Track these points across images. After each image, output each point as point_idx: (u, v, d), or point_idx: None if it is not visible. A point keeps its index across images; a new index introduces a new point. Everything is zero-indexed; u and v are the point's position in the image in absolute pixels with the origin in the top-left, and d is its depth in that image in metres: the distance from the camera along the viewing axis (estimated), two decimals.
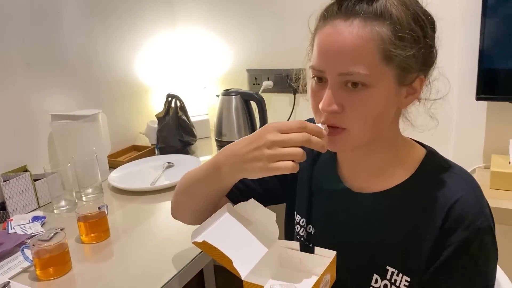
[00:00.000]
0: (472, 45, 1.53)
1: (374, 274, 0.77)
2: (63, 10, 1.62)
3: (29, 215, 1.33)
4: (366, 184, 0.80)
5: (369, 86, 0.67)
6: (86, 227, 1.18)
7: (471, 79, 1.55)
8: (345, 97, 0.69)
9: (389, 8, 0.67)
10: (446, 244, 0.70)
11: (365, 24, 0.66)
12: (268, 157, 0.69)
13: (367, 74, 0.66)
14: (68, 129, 1.52)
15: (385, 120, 0.73)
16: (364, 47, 0.66)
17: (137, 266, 1.09)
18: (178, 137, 1.81)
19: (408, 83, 0.72)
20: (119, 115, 1.89)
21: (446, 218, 0.70)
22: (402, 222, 0.75)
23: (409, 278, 0.74)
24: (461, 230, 0.69)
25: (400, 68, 0.69)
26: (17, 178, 1.36)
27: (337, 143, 0.73)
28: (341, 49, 0.67)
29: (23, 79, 1.49)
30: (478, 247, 0.70)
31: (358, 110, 0.69)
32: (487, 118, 1.63)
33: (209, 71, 2.18)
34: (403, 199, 0.76)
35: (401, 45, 0.67)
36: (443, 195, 0.72)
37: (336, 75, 0.68)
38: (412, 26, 0.68)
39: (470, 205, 0.71)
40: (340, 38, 0.67)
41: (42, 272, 1.03)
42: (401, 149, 0.79)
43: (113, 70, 1.87)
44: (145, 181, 1.53)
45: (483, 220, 0.70)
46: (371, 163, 0.79)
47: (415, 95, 0.74)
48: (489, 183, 1.50)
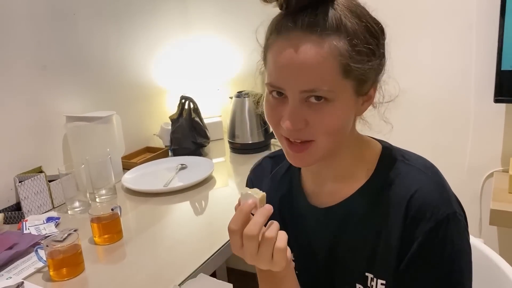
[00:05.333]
0: (490, 46, 1.50)
1: (357, 284, 0.76)
2: (78, 12, 1.64)
3: (43, 216, 1.34)
4: (332, 193, 0.79)
5: (330, 100, 0.66)
6: (99, 228, 1.19)
7: (489, 81, 1.52)
8: (308, 113, 0.67)
9: (343, 21, 0.65)
10: (411, 239, 0.69)
11: (322, 40, 0.64)
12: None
13: (330, 90, 0.65)
14: (83, 131, 1.53)
15: (346, 129, 0.72)
16: (323, 63, 0.64)
17: (150, 268, 1.09)
18: (191, 139, 1.81)
19: (364, 93, 0.71)
20: (133, 116, 1.90)
21: (407, 213, 0.70)
22: (369, 225, 0.74)
23: (384, 281, 0.73)
24: (423, 222, 0.68)
25: (358, 80, 0.67)
26: (32, 179, 1.37)
27: (304, 158, 0.71)
28: (302, 67, 0.64)
29: (38, 81, 1.51)
30: (443, 238, 0.68)
31: (322, 123, 0.67)
32: (505, 121, 1.60)
33: (223, 73, 2.18)
34: (367, 202, 0.75)
35: (359, 59, 0.65)
36: (401, 190, 0.71)
37: (297, 93, 0.66)
38: (367, 38, 0.67)
39: (428, 196, 0.69)
40: (300, 55, 0.64)
41: (56, 273, 1.04)
42: (359, 150, 0.78)
43: (127, 72, 1.88)
44: (158, 183, 1.53)
45: (445, 208, 0.69)
46: (333, 170, 0.78)
47: (370, 101, 0.73)
48: (507, 187, 1.47)
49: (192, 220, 1.36)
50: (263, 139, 1.85)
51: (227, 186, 1.64)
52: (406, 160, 0.75)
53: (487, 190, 1.67)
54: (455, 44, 1.62)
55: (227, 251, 1.15)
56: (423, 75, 1.65)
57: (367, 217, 0.74)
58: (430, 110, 1.70)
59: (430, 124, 1.72)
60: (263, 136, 1.85)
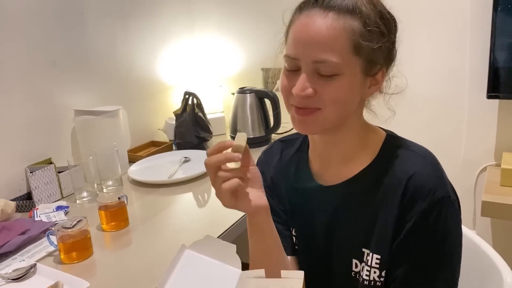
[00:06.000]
0: (483, 45, 1.55)
1: (353, 260, 0.83)
2: (87, 11, 1.70)
3: (53, 205, 1.41)
4: (336, 174, 0.85)
5: (339, 73, 0.73)
6: (107, 215, 1.25)
7: (482, 77, 1.57)
8: (318, 83, 0.74)
9: (359, 5, 0.73)
10: (408, 217, 0.75)
11: (338, 16, 0.72)
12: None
13: (339, 63, 0.72)
14: (90, 124, 1.60)
15: (351, 105, 0.78)
16: (337, 37, 0.71)
17: (154, 253, 1.15)
18: (194, 133, 1.87)
19: (372, 74, 0.77)
20: (138, 112, 1.96)
21: (405, 192, 0.75)
22: (370, 203, 0.80)
23: (379, 256, 0.79)
24: (419, 202, 0.74)
25: (367, 60, 0.74)
26: (43, 170, 1.44)
27: (309, 124, 0.77)
28: (316, 38, 0.72)
29: (48, 76, 1.57)
30: (437, 216, 0.74)
31: (330, 94, 0.74)
32: (498, 116, 1.65)
33: (225, 70, 2.24)
34: (369, 182, 0.81)
35: (370, 37, 0.73)
36: (401, 172, 0.77)
37: (310, 63, 0.73)
38: (378, 22, 0.74)
39: (426, 177, 0.75)
40: (315, 27, 0.72)
41: (66, 256, 1.10)
42: (365, 135, 0.84)
43: (133, 68, 1.94)
44: (163, 174, 1.60)
45: (440, 191, 0.74)
46: (339, 151, 0.84)
47: (377, 86, 0.80)
48: (499, 180, 1.52)
49: (194, 209, 1.42)
50: (264, 133, 1.91)
51: None
52: (407, 146, 0.82)
53: (481, 184, 1.72)
54: (450, 42, 1.67)
55: (228, 239, 1.21)
56: (418, 72, 1.70)
57: (367, 196, 0.80)
58: (425, 106, 1.75)
59: (425, 120, 1.77)
60: (264, 131, 1.91)
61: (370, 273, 0.79)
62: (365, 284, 0.80)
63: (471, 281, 0.95)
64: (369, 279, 0.80)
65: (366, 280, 0.80)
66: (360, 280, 0.82)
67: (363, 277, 0.81)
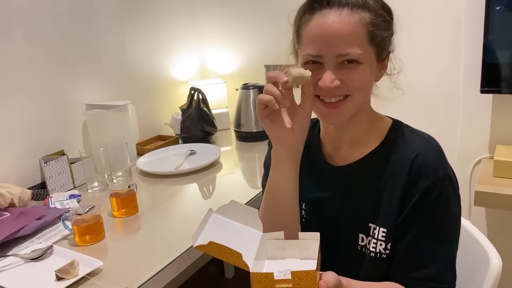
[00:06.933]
0: (477, 41, 1.61)
1: (360, 234, 0.90)
2: (97, 10, 1.78)
3: (66, 193, 1.49)
4: (346, 156, 0.92)
5: (361, 62, 0.80)
6: (118, 203, 1.33)
7: (476, 73, 1.63)
8: (343, 73, 0.81)
9: (367, 0, 0.81)
10: (411, 194, 0.82)
11: (352, 12, 0.80)
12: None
13: (361, 53, 0.80)
14: (101, 118, 1.68)
15: (371, 90, 0.87)
16: (356, 31, 0.79)
17: (161, 237, 1.23)
18: (200, 128, 1.94)
19: (382, 60, 0.86)
20: (146, 107, 2.04)
21: (410, 171, 0.83)
22: (377, 182, 0.87)
23: (385, 229, 0.86)
24: (422, 180, 0.81)
25: (379, 47, 0.83)
26: (56, 161, 1.52)
27: (338, 114, 0.84)
28: (338, 34, 0.79)
29: (61, 72, 1.65)
30: (438, 193, 0.81)
31: (356, 81, 0.81)
32: (492, 110, 1.70)
33: (229, 67, 2.32)
34: (376, 162, 0.88)
35: (382, 26, 0.82)
36: (406, 152, 0.85)
37: (334, 57, 0.80)
38: (383, 13, 0.83)
39: (429, 157, 0.83)
40: (335, 24, 0.79)
41: (80, 239, 1.18)
42: (373, 120, 0.92)
43: (141, 65, 2.02)
44: (169, 166, 1.67)
45: (442, 170, 0.82)
46: (350, 135, 0.91)
47: (385, 69, 0.88)
48: (492, 171, 1.58)
49: (199, 198, 1.49)
50: None
51: (233, 170, 1.77)
52: (412, 131, 0.90)
53: (475, 176, 1.77)
54: (445, 39, 1.73)
55: None
56: (415, 68, 1.75)
57: (375, 175, 0.88)
58: (421, 101, 1.81)
59: (421, 115, 1.82)
60: None
61: (376, 246, 0.86)
62: (372, 256, 0.87)
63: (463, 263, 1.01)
64: (375, 251, 0.86)
65: (372, 252, 0.87)
66: (366, 252, 0.89)
67: (370, 249, 0.87)
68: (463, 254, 0.96)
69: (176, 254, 1.11)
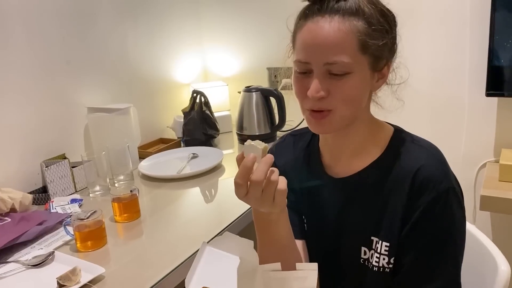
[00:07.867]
0: (482, 43, 1.59)
1: (362, 247, 0.87)
2: (99, 12, 1.77)
3: (68, 198, 1.47)
4: (346, 166, 0.90)
5: (350, 72, 0.78)
6: (120, 207, 1.31)
7: (481, 76, 1.61)
8: (330, 84, 0.78)
9: (361, 6, 0.78)
10: (415, 208, 0.80)
11: (343, 19, 0.77)
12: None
13: (349, 62, 0.77)
14: (103, 121, 1.66)
15: (362, 101, 0.84)
16: (345, 39, 0.76)
17: (164, 243, 1.21)
18: (202, 131, 1.92)
19: (379, 69, 0.82)
20: (148, 110, 2.03)
21: (413, 184, 0.80)
22: (379, 195, 0.85)
23: (388, 243, 0.83)
24: (426, 193, 0.79)
25: (374, 56, 0.79)
26: (57, 165, 1.50)
27: (324, 125, 0.82)
28: (325, 42, 0.77)
29: (63, 75, 1.64)
30: (442, 207, 0.79)
31: (342, 93, 0.79)
32: (497, 114, 1.69)
33: (232, 69, 2.30)
34: (378, 174, 0.85)
35: (375, 35, 0.78)
36: (409, 164, 0.82)
37: (321, 65, 0.78)
38: (381, 20, 0.79)
39: (433, 170, 0.80)
40: (324, 32, 0.77)
41: (82, 245, 1.17)
42: (373, 129, 0.89)
43: (143, 68, 2.01)
44: (171, 170, 1.66)
45: (446, 183, 0.79)
46: (350, 144, 0.88)
47: (384, 79, 0.85)
48: (498, 175, 1.56)
49: (202, 203, 1.48)
50: (269, 131, 1.96)
51: (235, 173, 1.75)
52: (414, 140, 0.87)
53: (480, 180, 1.76)
54: (450, 41, 1.72)
55: (235, 228, 1.27)
56: (420, 70, 1.74)
57: (377, 187, 0.85)
58: (426, 104, 1.80)
59: (426, 118, 1.82)
60: (269, 129, 1.97)
61: (379, 260, 0.84)
62: (375, 270, 0.85)
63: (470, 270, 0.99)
64: (378, 265, 0.84)
65: (375, 266, 0.85)
66: (369, 266, 0.86)
67: (373, 263, 0.85)
68: (470, 262, 0.94)
69: (180, 260, 1.09)
